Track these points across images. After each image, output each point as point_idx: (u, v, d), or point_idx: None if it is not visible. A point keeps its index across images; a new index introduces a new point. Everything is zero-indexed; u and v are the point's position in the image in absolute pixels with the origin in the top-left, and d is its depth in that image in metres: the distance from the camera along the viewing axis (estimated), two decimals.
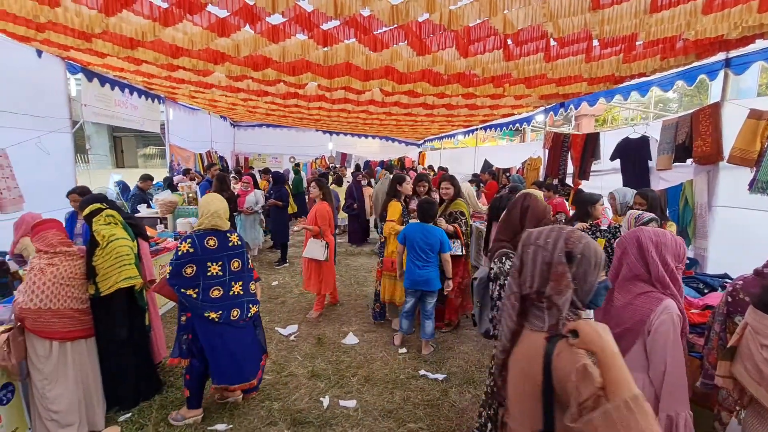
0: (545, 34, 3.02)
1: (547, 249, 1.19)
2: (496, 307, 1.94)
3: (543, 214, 2.00)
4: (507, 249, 1.97)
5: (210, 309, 2.56)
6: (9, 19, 3.28)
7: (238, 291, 2.70)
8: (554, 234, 1.21)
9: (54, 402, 2.43)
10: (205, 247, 2.55)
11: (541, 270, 1.19)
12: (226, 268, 2.64)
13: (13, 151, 4.21)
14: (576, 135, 5.92)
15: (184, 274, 2.52)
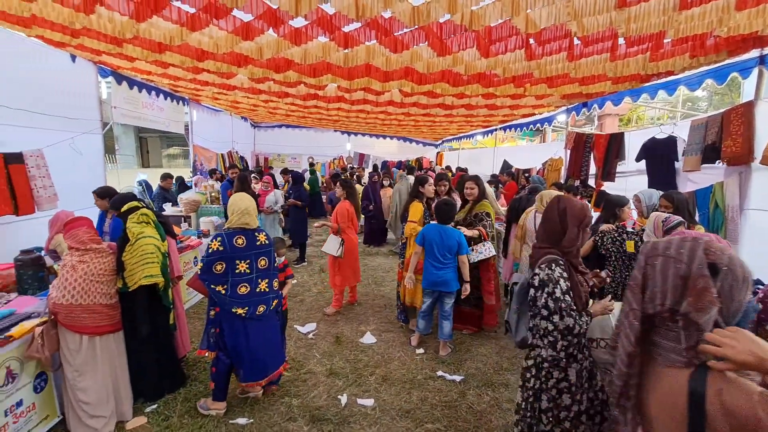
0: (569, 33, 2.97)
1: (681, 260, 1.06)
2: (540, 315, 1.89)
3: (583, 213, 1.95)
4: (554, 255, 1.93)
5: (237, 305, 2.64)
6: (46, 26, 3.44)
7: (264, 288, 2.78)
8: (689, 244, 1.07)
9: (84, 393, 2.54)
10: (234, 245, 2.64)
11: (675, 284, 1.06)
12: (253, 265, 2.72)
13: (48, 151, 4.41)
14: (599, 135, 5.79)
15: (214, 270, 2.61)
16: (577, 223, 1.93)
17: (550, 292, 1.86)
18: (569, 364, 1.91)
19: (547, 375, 1.95)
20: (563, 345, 1.87)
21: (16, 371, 2.33)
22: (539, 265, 1.95)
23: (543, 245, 2.01)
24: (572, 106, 6.00)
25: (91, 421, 2.56)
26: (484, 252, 3.85)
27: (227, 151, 10.72)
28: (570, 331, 1.84)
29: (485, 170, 9.92)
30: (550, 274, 1.88)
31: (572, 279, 1.90)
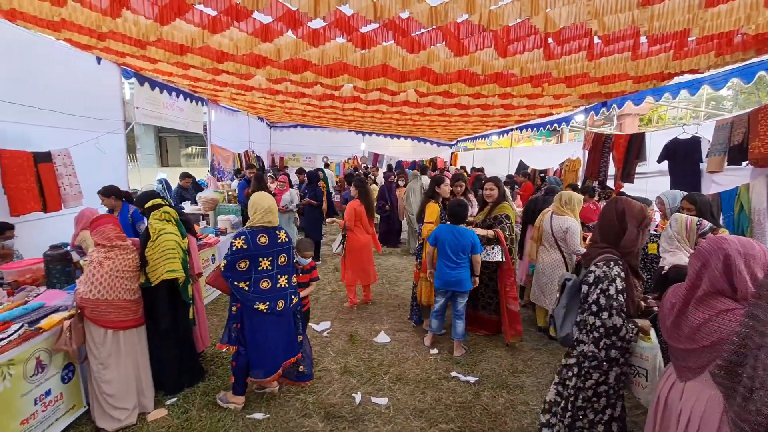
0: (589, 31, 2.93)
1: None
2: (589, 311, 1.91)
3: (642, 214, 1.95)
4: (612, 255, 1.93)
5: (259, 300, 2.71)
6: (74, 29, 3.56)
7: (284, 284, 2.86)
8: None
9: (108, 385, 2.63)
10: (257, 243, 2.71)
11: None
12: (274, 262, 2.81)
13: (74, 150, 4.57)
14: (619, 135, 5.67)
15: (237, 268, 2.69)
16: (636, 223, 1.93)
17: (604, 289, 1.87)
18: (611, 367, 1.92)
19: (587, 375, 1.97)
20: (606, 344, 1.89)
21: (45, 362, 2.42)
22: (596, 262, 1.96)
23: (602, 245, 2.01)
24: (591, 105, 5.90)
25: (114, 412, 2.64)
26: (491, 255, 3.77)
27: (244, 151, 10.89)
28: (616, 332, 1.84)
29: (500, 171, 9.83)
30: (607, 271, 1.89)
31: (628, 281, 1.90)
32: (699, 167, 4.40)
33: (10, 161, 3.79)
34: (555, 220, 3.92)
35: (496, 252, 3.78)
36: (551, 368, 3.55)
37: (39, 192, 4.12)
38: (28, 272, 3.08)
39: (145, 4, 2.89)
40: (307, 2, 2.58)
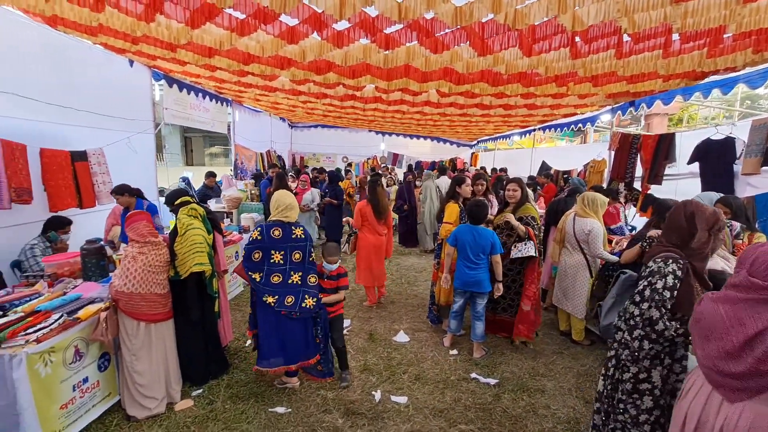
0: (618, 29, 2.86)
1: None
2: (633, 300, 1.94)
3: (714, 217, 1.91)
4: (674, 254, 1.92)
5: (268, 293, 2.78)
6: (110, 33, 3.72)
7: (297, 281, 2.87)
8: None
9: (139, 375, 2.74)
10: (271, 236, 2.80)
11: None
12: (287, 257, 2.85)
13: (107, 149, 4.78)
14: (647, 136, 5.51)
15: (253, 258, 2.80)
16: (707, 226, 1.91)
17: (652, 282, 1.88)
18: (653, 365, 1.91)
19: (624, 368, 1.98)
20: (640, 334, 1.89)
21: (83, 350, 2.55)
22: (654, 258, 1.96)
23: (667, 244, 2.00)
24: (618, 105, 5.75)
25: (144, 401, 2.75)
26: (523, 250, 3.66)
27: (266, 150, 11.10)
28: (651, 324, 1.84)
29: (522, 172, 9.69)
30: (662, 267, 1.89)
31: (687, 281, 1.87)
32: (732, 169, 4.23)
33: (50, 160, 3.99)
34: (578, 222, 3.84)
35: (528, 247, 3.66)
36: (573, 373, 3.48)
37: (75, 189, 4.33)
38: (66, 265, 3.23)
39: (178, 9, 3.00)
40: (333, 4, 2.62)
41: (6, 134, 3.47)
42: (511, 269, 3.85)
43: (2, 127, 3.47)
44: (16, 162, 3.57)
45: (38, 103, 3.89)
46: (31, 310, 2.50)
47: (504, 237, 3.85)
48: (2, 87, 3.47)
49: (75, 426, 2.48)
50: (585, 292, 3.80)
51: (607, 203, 4.08)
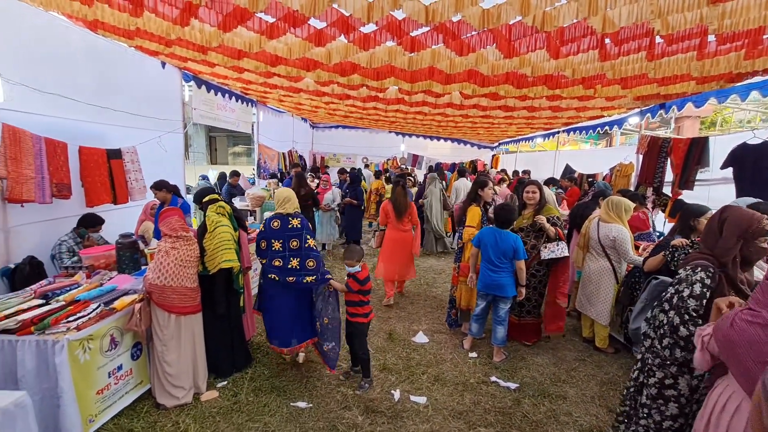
0: (650, 31, 2.80)
1: None
2: (661, 307, 1.95)
3: (747, 223, 1.84)
4: (705, 261, 1.90)
5: (271, 272, 3.14)
6: (146, 37, 3.88)
7: (295, 265, 3.12)
8: None
9: (169, 365, 2.85)
10: (271, 227, 3.17)
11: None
12: (285, 245, 3.15)
13: (139, 148, 4.97)
14: (678, 139, 5.33)
15: (261, 247, 3.23)
16: (737, 232, 1.85)
17: (680, 290, 1.88)
18: (681, 372, 1.89)
19: (650, 372, 1.97)
20: (669, 342, 1.89)
21: (118, 339, 2.68)
22: (685, 266, 1.96)
23: (703, 250, 1.99)
24: (647, 108, 5.59)
25: (173, 390, 2.86)
26: (557, 251, 3.64)
27: (288, 150, 11.29)
28: (674, 331, 1.83)
29: (544, 174, 9.50)
30: (690, 275, 1.89)
31: (719, 290, 1.82)
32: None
33: (88, 157, 4.19)
34: (602, 228, 3.76)
35: (561, 247, 3.65)
36: (597, 381, 3.42)
37: (110, 186, 4.53)
38: (102, 258, 3.40)
39: (211, 14, 3.11)
40: (361, 7, 2.66)
41: (49, 133, 3.67)
42: (539, 270, 3.86)
43: (46, 125, 3.66)
44: (58, 159, 3.77)
45: (78, 103, 4.08)
46: (72, 299, 2.64)
47: (533, 239, 3.82)
48: (47, 88, 3.66)
49: (109, 411, 2.61)
50: (610, 298, 3.72)
51: (634, 208, 3.97)
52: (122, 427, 2.63)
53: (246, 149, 29.70)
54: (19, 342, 2.29)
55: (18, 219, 3.46)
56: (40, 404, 2.27)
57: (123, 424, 2.66)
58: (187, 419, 2.76)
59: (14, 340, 2.29)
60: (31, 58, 3.55)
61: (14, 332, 2.30)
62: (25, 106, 3.46)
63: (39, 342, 2.29)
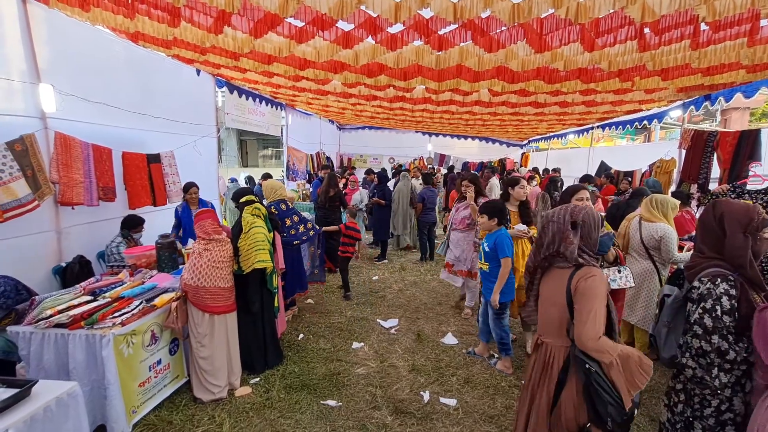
0: (695, 18, 2.64)
1: (558, 221, 1.83)
2: (693, 332, 1.74)
3: (748, 216, 1.71)
4: (720, 269, 1.75)
5: (295, 240, 4.22)
6: (182, 45, 4.05)
7: (302, 229, 4.31)
8: (562, 211, 1.84)
9: (205, 361, 2.96)
10: (281, 209, 4.17)
11: (553, 237, 1.83)
12: (293, 219, 4.25)
13: (176, 152, 5.20)
14: (726, 132, 5.00)
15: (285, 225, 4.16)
16: (740, 227, 1.71)
17: (709, 309, 1.69)
18: (734, 393, 1.72)
19: (702, 403, 1.80)
20: (718, 372, 1.70)
21: (158, 335, 2.81)
22: (700, 277, 1.79)
23: (704, 255, 1.84)
24: (690, 99, 5.27)
25: (209, 386, 2.97)
26: (619, 280, 2.80)
27: (316, 152, 11.48)
28: (722, 356, 1.66)
29: (577, 172, 9.18)
30: (712, 289, 1.71)
31: (744, 296, 1.68)
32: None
33: (130, 162, 4.42)
34: (645, 227, 3.57)
35: (626, 276, 2.80)
36: None
37: (150, 189, 4.76)
38: (144, 257, 3.57)
39: (243, 21, 3.21)
40: (388, 8, 2.66)
41: (95, 139, 3.90)
42: None
43: (92, 133, 3.90)
44: (104, 164, 4.00)
45: (121, 111, 4.32)
46: (117, 296, 2.80)
47: None
48: (94, 98, 3.90)
49: (150, 402, 2.74)
50: (653, 302, 3.53)
51: (679, 207, 3.74)
52: (163, 419, 2.76)
53: (275, 152, 30.44)
54: (70, 336, 2.45)
55: (69, 221, 3.70)
56: (89, 395, 2.42)
57: (163, 416, 2.78)
58: (223, 413, 2.85)
59: (66, 333, 2.45)
60: (79, 69, 3.79)
61: (66, 326, 2.46)
62: (74, 115, 3.70)
63: (88, 336, 2.44)
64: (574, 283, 1.74)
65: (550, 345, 1.87)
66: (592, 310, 1.66)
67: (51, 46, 3.46)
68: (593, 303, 1.67)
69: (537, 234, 1.93)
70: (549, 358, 1.85)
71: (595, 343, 1.64)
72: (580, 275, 1.74)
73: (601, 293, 1.70)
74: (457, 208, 4.63)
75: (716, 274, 1.72)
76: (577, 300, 1.72)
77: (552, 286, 1.87)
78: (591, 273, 1.73)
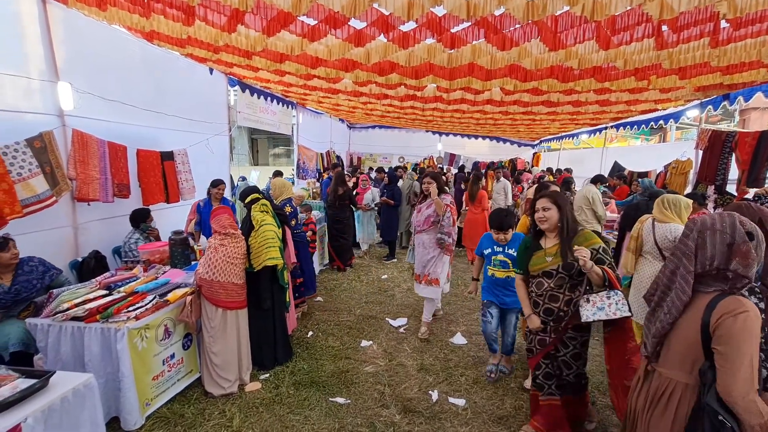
0: (715, 15, 2.58)
1: (725, 232, 1.40)
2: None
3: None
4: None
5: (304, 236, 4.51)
6: (196, 44, 4.10)
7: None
8: (728, 219, 1.43)
9: (216, 356, 2.99)
10: (293, 205, 4.31)
11: (722, 251, 1.40)
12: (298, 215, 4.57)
13: (189, 150, 5.26)
14: (745, 133, 4.89)
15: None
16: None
17: None
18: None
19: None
20: None
21: (171, 329, 2.85)
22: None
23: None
24: (709, 99, 5.16)
25: (220, 380, 3.01)
26: (608, 308, 2.19)
27: (326, 151, 11.52)
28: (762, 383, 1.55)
29: (589, 173, 9.05)
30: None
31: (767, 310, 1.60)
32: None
33: (145, 159, 4.49)
34: (659, 228, 3.50)
35: (617, 302, 2.20)
36: None
37: (163, 186, 4.83)
38: (157, 253, 3.63)
39: (256, 19, 3.23)
40: (401, 6, 2.66)
41: (111, 137, 3.97)
42: (578, 334, 2.42)
43: (108, 130, 3.97)
44: (119, 161, 4.07)
45: (136, 109, 4.39)
46: (131, 290, 2.84)
47: (567, 290, 2.36)
48: (110, 96, 3.97)
49: (164, 396, 2.79)
50: None
51: (693, 210, 3.66)
52: (175, 412, 2.80)
53: (286, 150, 30.65)
54: (86, 329, 2.50)
55: (85, 216, 3.78)
56: (104, 387, 2.47)
57: (175, 409, 2.83)
58: (233, 408, 2.88)
59: (82, 326, 2.51)
60: (96, 68, 3.86)
61: (82, 319, 2.51)
62: (90, 113, 3.77)
63: (103, 329, 2.49)
64: (715, 319, 1.37)
65: (667, 378, 1.55)
66: (747, 357, 1.31)
67: (69, 46, 3.53)
68: (748, 349, 1.32)
69: (682, 245, 1.50)
70: (665, 393, 1.55)
71: (747, 402, 1.30)
72: (725, 309, 1.36)
73: (757, 335, 1.34)
74: (418, 209, 4.13)
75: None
76: (723, 342, 1.35)
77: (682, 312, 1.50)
78: (742, 307, 1.34)
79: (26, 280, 2.74)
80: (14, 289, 2.68)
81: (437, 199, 3.88)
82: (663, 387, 1.56)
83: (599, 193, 5.61)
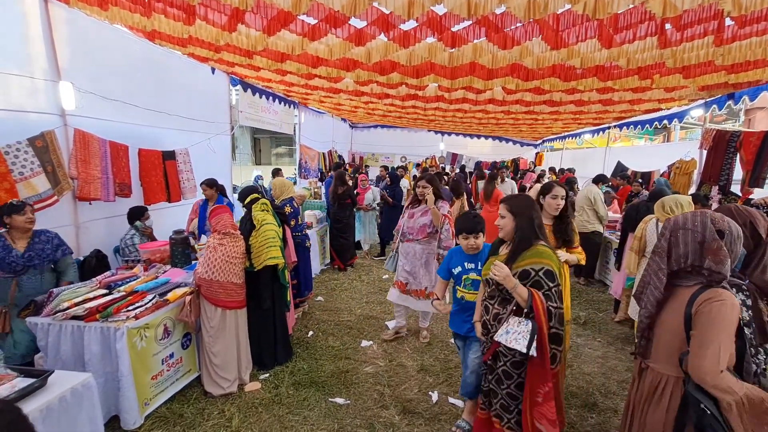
0: (719, 13, 2.54)
1: (697, 231, 1.48)
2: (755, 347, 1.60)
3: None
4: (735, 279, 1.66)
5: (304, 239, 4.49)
6: (198, 44, 4.10)
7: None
8: (699, 218, 1.50)
9: (215, 356, 2.99)
10: (294, 205, 4.30)
11: (694, 248, 1.48)
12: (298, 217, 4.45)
13: (191, 150, 5.27)
14: (749, 133, 4.84)
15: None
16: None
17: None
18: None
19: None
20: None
21: (171, 329, 2.85)
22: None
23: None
24: (713, 98, 5.11)
25: (220, 380, 3.00)
26: (509, 335, 1.93)
27: (328, 151, 11.51)
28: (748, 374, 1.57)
29: (592, 173, 9.01)
30: None
31: (755, 308, 1.63)
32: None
33: (146, 159, 4.50)
34: (660, 228, 3.48)
35: (520, 332, 1.91)
36: None
37: (165, 185, 4.84)
38: (158, 252, 3.63)
39: (257, 18, 3.22)
40: (401, 5, 2.64)
41: (112, 136, 3.98)
42: (518, 369, 2.05)
43: (110, 130, 3.98)
44: (120, 160, 4.08)
45: (138, 108, 4.40)
46: (131, 290, 2.85)
47: (497, 304, 2.11)
48: (112, 95, 3.98)
49: (163, 395, 2.79)
50: None
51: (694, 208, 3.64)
52: (174, 412, 2.80)
53: (288, 150, 30.72)
54: (86, 328, 2.50)
55: (86, 216, 3.79)
56: (103, 386, 2.47)
57: (175, 409, 2.82)
58: (232, 408, 2.88)
59: (82, 325, 2.51)
60: (98, 68, 3.87)
61: (82, 318, 2.52)
62: (92, 112, 3.78)
63: (103, 328, 2.49)
64: (695, 308, 1.45)
65: (659, 373, 1.61)
66: (715, 341, 1.37)
67: (71, 45, 3.54)
68: (718, 333, 1.38)
69: (658, 244, 1.57)
70: (659, 387, 1.61)
71: (715, 379, 1.37)
72: (705, 297, 1.43)
73: (730, 322, 1.39)
74: (411, 213, 3.77)
75: (732, 284, 1.63)
76: (698, 325, 1.43)
77: (667, 307, 1.59)
78: (720, 296, 1.40)
79: (41, 248, 2.83)
80: (28, 255, 2.75)
81: (434, 208, 3.57)
82: (656, 382, 1.63)
83: (601, 194, 5.58)
